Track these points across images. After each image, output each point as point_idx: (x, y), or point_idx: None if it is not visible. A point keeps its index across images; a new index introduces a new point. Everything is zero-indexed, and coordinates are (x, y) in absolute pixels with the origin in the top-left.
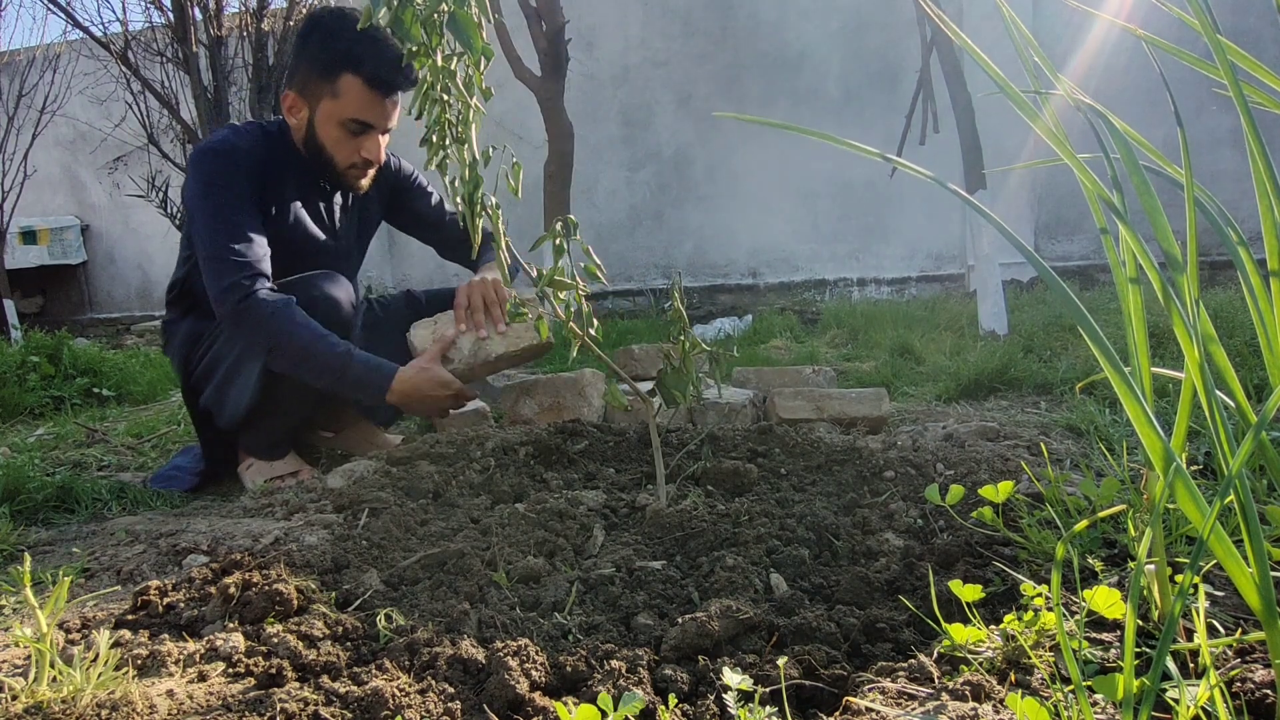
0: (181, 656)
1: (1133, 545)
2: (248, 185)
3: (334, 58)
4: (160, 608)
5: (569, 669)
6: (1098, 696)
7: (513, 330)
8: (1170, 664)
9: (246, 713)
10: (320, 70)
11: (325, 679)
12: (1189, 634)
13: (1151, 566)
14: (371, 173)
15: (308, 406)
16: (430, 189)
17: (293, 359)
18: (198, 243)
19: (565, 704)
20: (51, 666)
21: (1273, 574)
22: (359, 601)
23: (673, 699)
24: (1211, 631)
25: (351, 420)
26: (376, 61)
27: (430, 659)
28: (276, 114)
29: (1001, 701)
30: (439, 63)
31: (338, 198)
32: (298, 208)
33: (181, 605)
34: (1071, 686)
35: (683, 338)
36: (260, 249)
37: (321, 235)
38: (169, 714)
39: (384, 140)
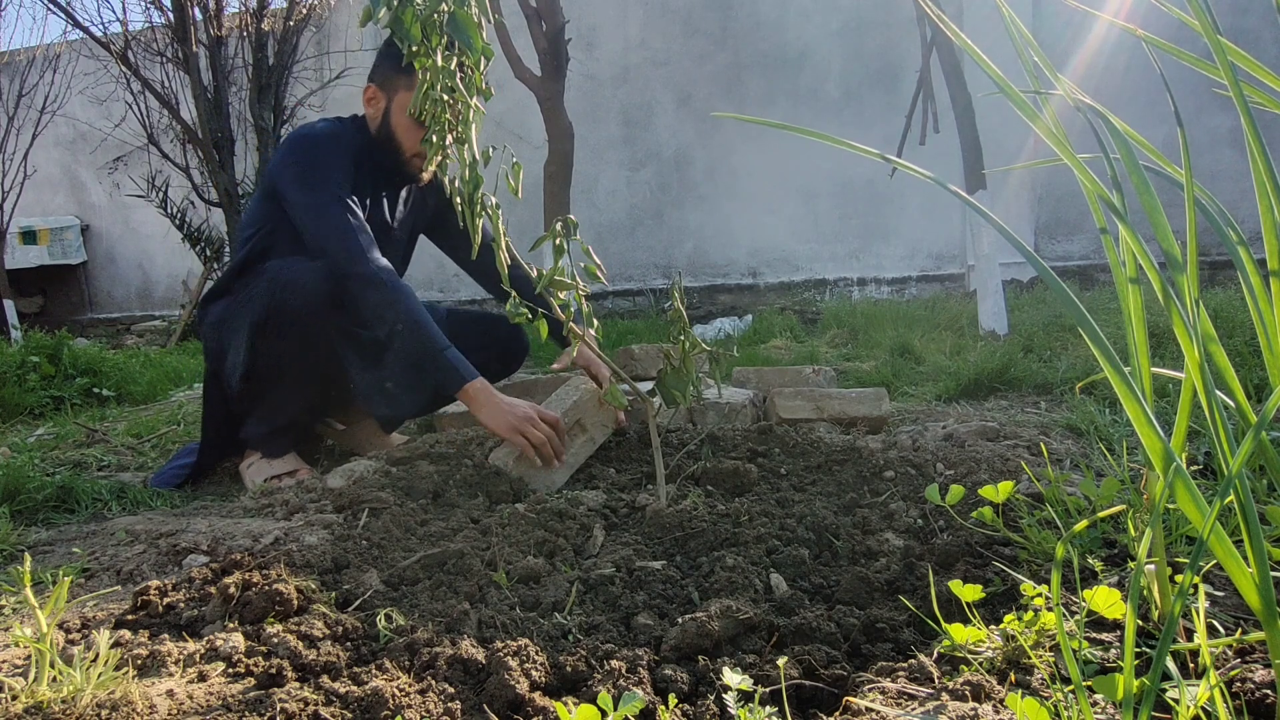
0: (181, 656)
1: (1133, 545)
2: (347, 168)
3: None
4: (160, 608)
5: (569, 669)
6: (1098, 696)
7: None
8: (1170, 664)
9: (246, 713)
10: (400, 64)
11: (325, 679)
12: (1189, 634)
13: (1151, 566)
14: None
15: (306, 389)
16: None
17: (409, 330)
18: (305, 212)
19: (565, 704)
20: (51, 666)
21: (1273, 574)
22: (359, 601)
23: (673, 699)
24: (1211, 631)
25: (360, 416)
26: None
27: (430, 659)
28: (276, 115)
29: (1001, 701)
30: (439, 63)
31: (402, 193)
32: (373, 195)
33: (181, 605)
34: (1071, 686)
35: (683, 338)
36: (365, 228)
37: (389, 224)
38: (169, 714)
39: None
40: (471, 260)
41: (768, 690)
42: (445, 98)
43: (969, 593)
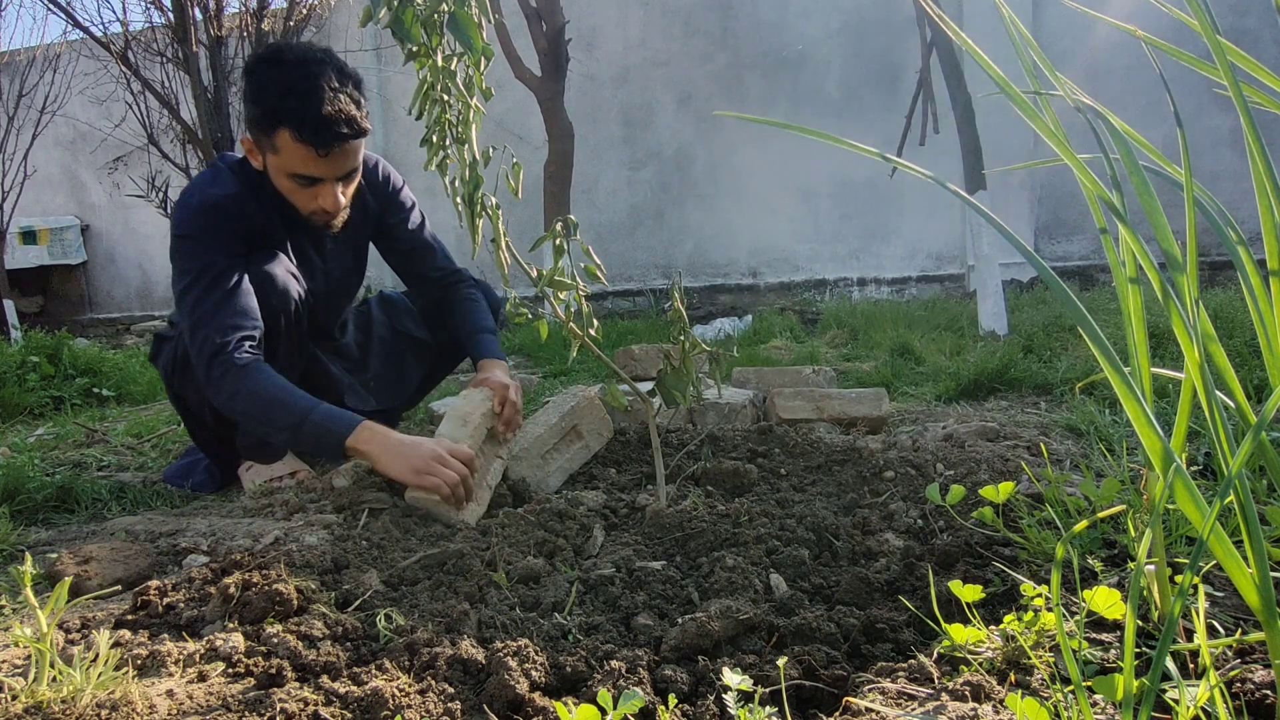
0: (181, 656)
1: (1133, 545)
2: (229, 234)
3: (265, 112)
4: (160, 608)
5: (569, 669)
6: (1098, 697)
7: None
8: (1170, 664)
9: (246, 713)
10: (258, 123)
11: (325, 679)
12: (1189, 634)
13: (1151, 567)
14: (342, 216)
15: None
16: (415, 210)
17: (254, 416)
18: (177, 300)
19: (565, 704)
20: (51, 666)
21: (1273, 574)
22: (359, 601)
23: (673, 699)
24: (1211, 632)
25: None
26: (304, 119)
27: (430, 659)
28: None
29: (1001, 702)
30: (439, 63)
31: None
32: (286, 244)
33: (181, 605)
34: (1071, 687)
35: (683, 338)
36: (238, 303)
37: (315, 265)
38: (169, 714)
39: (344, 187)
40: (403, 269)
41: (768, 690)
42: (445, 98)
43: (969, 593)
